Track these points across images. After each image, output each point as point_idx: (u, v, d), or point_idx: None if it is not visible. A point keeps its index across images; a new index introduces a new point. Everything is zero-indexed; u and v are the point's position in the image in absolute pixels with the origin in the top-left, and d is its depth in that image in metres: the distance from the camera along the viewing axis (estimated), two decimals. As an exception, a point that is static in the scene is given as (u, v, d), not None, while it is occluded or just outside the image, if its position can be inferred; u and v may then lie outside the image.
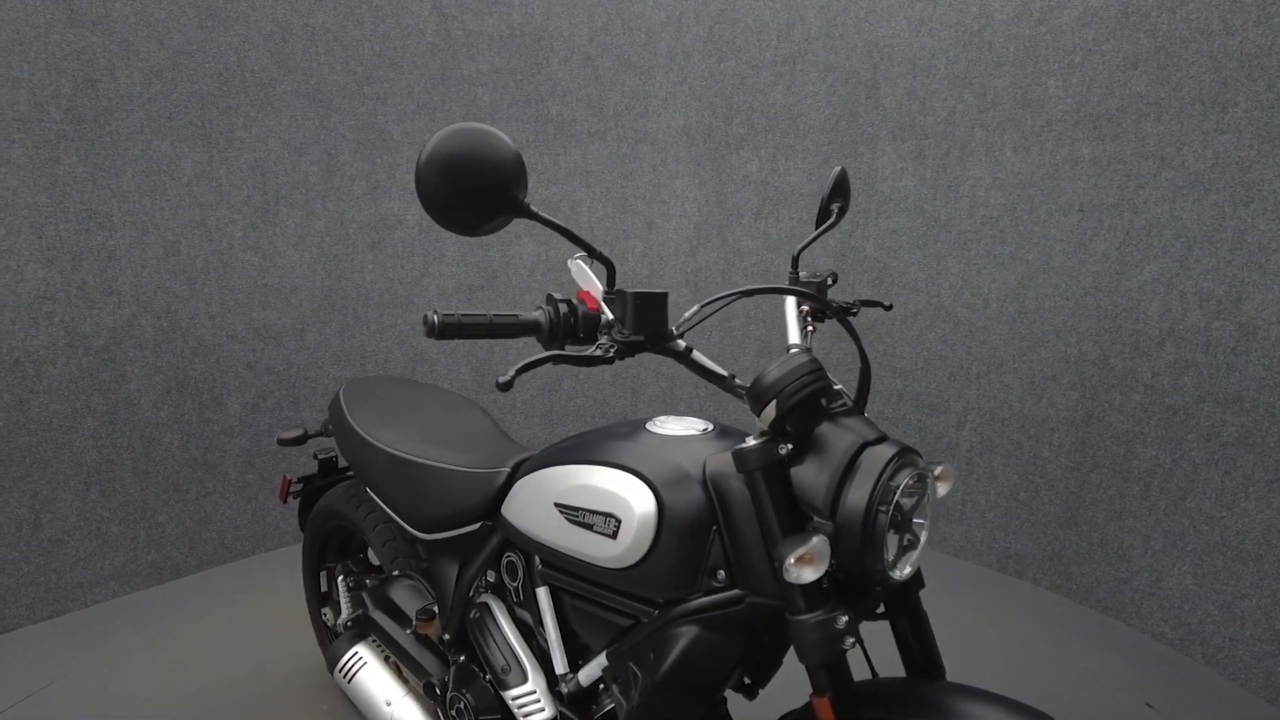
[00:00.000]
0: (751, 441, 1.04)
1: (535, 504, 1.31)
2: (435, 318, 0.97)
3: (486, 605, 1.51)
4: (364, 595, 1.75)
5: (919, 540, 1.08)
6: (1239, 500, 2.19)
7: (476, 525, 1.50)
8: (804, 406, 1.02)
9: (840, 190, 1.50)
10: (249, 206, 2.87)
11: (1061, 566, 2.73)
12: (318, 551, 2.16)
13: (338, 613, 1.94)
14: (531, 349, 3.43)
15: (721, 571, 1.11)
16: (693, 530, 1.12)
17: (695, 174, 3.26)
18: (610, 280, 1.08)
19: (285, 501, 2.16)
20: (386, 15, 3.02)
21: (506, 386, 0.93)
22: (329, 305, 3.09)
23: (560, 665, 1.36)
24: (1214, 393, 2.22)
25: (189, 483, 2.85)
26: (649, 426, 1.30)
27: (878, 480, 1.01)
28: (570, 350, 1.06)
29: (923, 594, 2.65)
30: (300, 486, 2.15)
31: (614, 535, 1.16)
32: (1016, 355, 2.76)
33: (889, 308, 1.51)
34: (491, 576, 1.53)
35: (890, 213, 3.01)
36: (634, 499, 1.14)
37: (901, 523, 1.02)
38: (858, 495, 1.00)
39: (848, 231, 3.11)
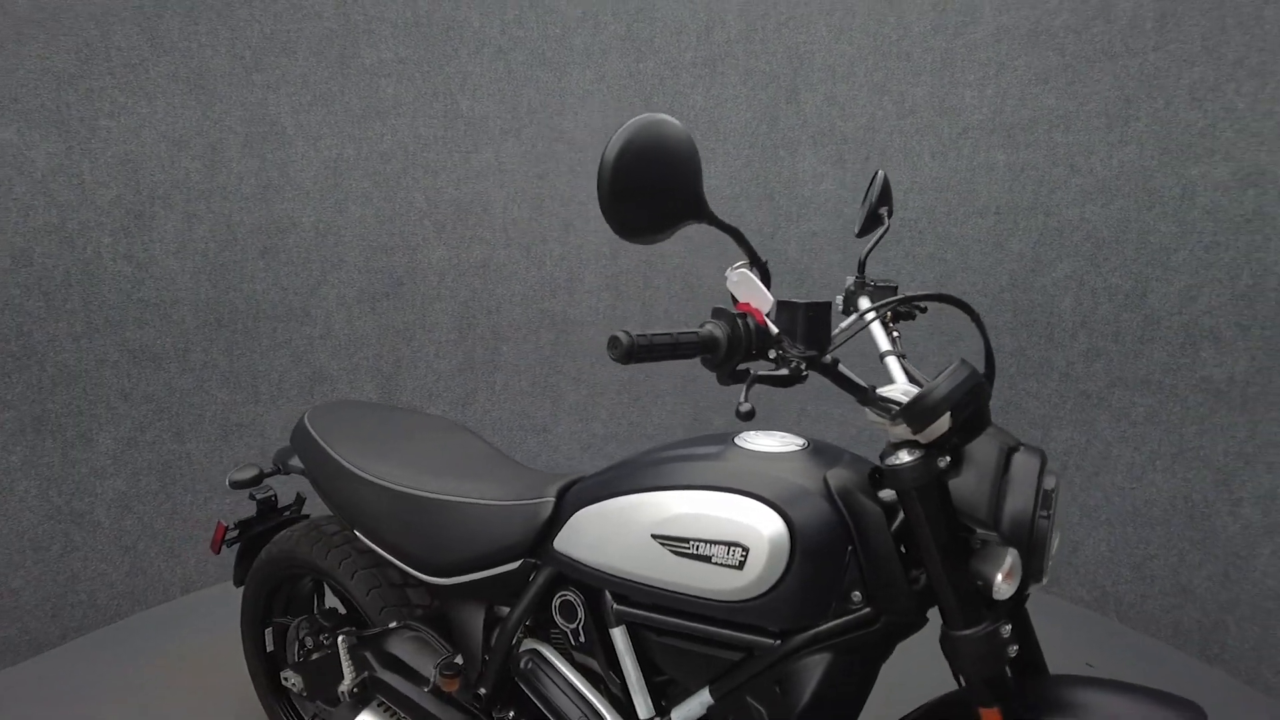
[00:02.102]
0: (906, 457, 1.00)
1: (618, 537, 1.19)
2: (628, 338, 0.84)
3: (537, 652, 1.36)
4: (366, 655, 1.52)
5: (1053, 541, 1.09)
6: (1148, 473, 2.45)
7: (516, 564, 1.35)
8: (973, 418, 0.99)
9: (886, 194, 1.50)
10: (119, 208, 2.44)
11: (982, 544, 2.94)
12: (262, 606, 1.87)
13: (312, 677, 1.68)
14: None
15: (857, 593, 1.07)
16: (828, 552, 1.06)
17: (614, 175, 3.17)
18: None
19: (218, 552, 1.87)
20: (276, -8, 2.68)
21: (750, 415, 0.84)
22: (215, 320, 2.70)
23: (644, 710, 1.25)
24: (1124, 377, 2.47)
25: (50, 537, 2.38)
26: (739, 443, 1.22)
27: (1037, 487, 1.01)
28: (748, 368, 0.97)
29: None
30: (237, 533, 1.85)
31: (740, 566, 1.08)
32: (936, 350, 2.93)
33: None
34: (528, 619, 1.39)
35: (810, 216, 3.09)
36: (760, 524, 1.07)
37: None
38: (1021, 504, 1.00)
39: (769, 234, 3.16)
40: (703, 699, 1.18)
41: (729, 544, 1.08)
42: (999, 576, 0.92)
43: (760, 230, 3.16)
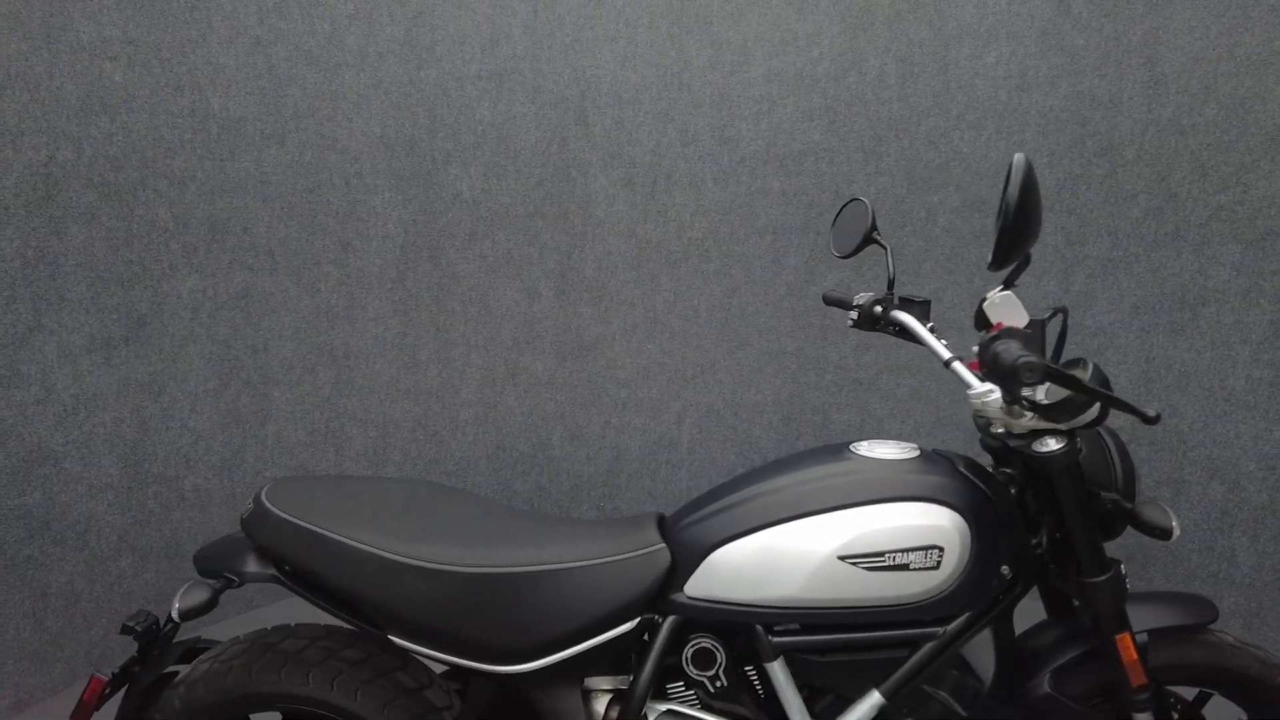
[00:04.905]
0: (1054, 444, 1.19)
1: (788, 567, 1.20)
2: (1041, 362, 0.89)
3: (673, 713, 1.27)
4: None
5: None
6: (914, 439, 3.03)
7: (632, 624, 1.25)
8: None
9: (874, 220, 1.68)
10: None
11: (774, 524, 3.32)
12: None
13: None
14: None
15: (1006, 566, 1.23)
16: (993, 536, 1.22)
17: (399, 189, 2.89)
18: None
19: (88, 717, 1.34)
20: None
21: (1158, 418, 0.92)
22: (-127, 392, 1.84)
23: (810, 732, 1.26)
24: (889, 365, 3.02)
25: None
26: (866, 454, 1.30)
27: (1127, 453, 1.28)
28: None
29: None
30: (109, 685, 1.34)
31: (936, 566, 1.17)
32: (726, 354, 3.23)
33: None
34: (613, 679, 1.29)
35: (605, 235, 3.17)
36: (946, 523, 1.18)
37: None
38: (1128, 467, 1.25)
39: (566, 253, 3.16)
40: (873, 701, 1.23)
41: (925, 548, 1.17)
42: (1173, 523, 1.14)
43: (557, 249, 3.14)
